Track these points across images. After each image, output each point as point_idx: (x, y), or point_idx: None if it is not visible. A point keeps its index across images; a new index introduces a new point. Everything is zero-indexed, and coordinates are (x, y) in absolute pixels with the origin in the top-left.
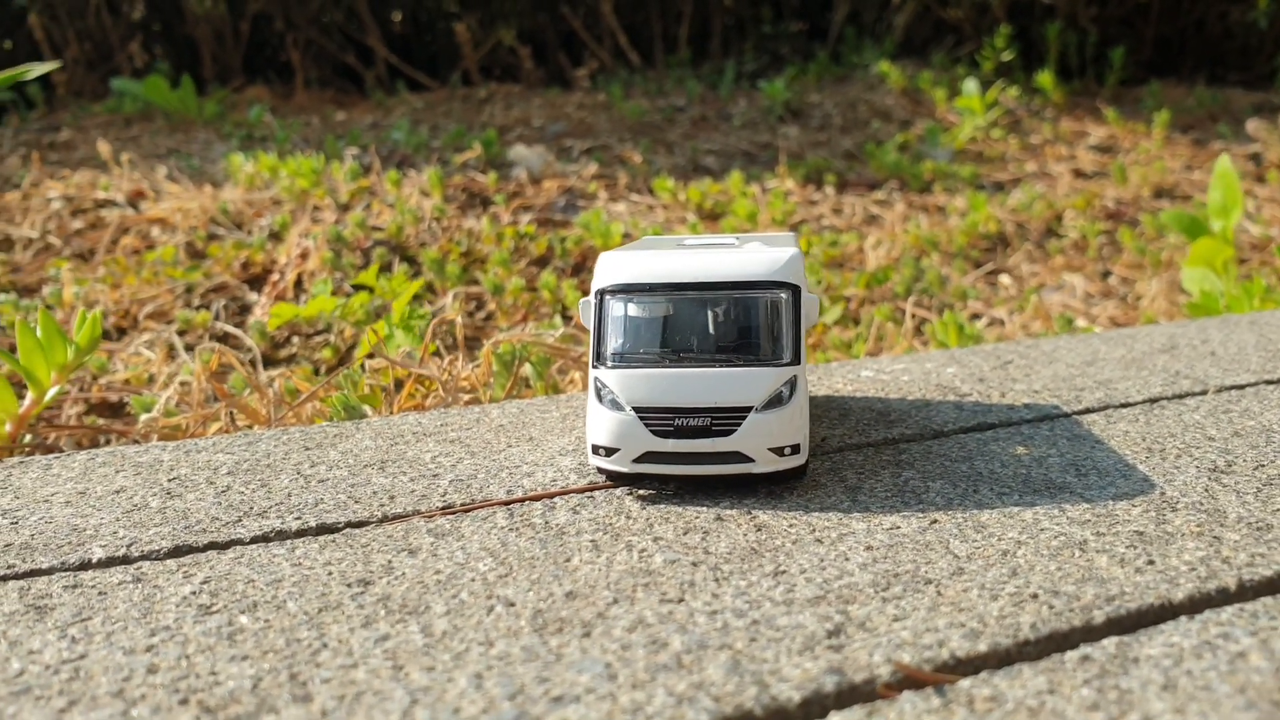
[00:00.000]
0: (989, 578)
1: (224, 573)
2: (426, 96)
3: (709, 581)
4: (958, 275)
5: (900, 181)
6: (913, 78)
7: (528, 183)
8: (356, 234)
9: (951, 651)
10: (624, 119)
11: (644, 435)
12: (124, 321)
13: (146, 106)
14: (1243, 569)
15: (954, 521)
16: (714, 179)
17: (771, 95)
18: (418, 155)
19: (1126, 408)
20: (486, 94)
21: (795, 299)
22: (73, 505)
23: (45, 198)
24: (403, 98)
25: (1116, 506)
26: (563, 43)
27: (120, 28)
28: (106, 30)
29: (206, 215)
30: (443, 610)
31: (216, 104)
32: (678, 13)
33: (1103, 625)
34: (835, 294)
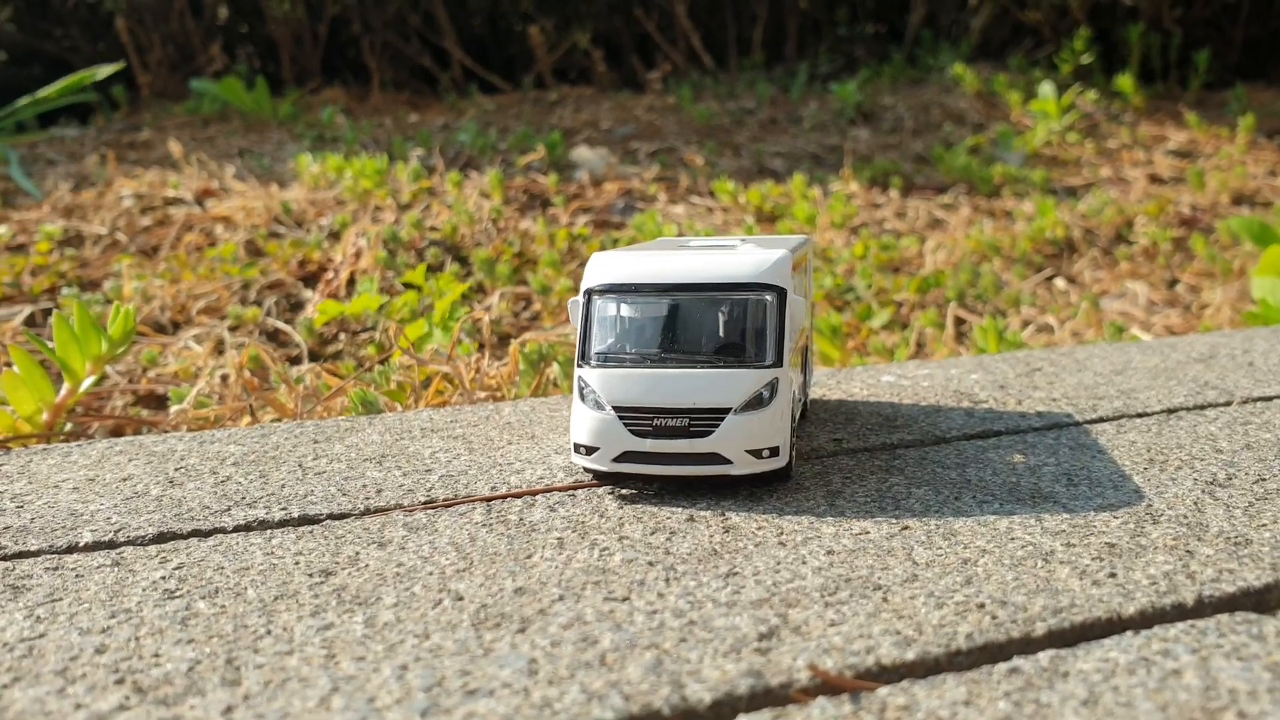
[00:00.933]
0: (940, 586)
1: (198, 559)
2: (498, 99)
3: (659, 581)
4: (1017, 281)
5: (969, 185)
6: (988, 80)
7: (589, 184)
8: (412, 234)
9: (878, 659)
10: (692, 121)
11: (623, 435)
12: (179, 316)
13: (224, 107)
14: (1205, 585)
15: (925, 528)
16: (777, 181)
17: (843, 98)
18: (483, 157)
19: (1142, 418)
20: (557, 97)
21: (780, 301)
22: (79, 491)
23: (118, 196)
24: (475, 100)
25: (1097, 518)
26: (637, 46)
27: (202, 30)
28: (189, 33)
29: (269, 214)
30: (392, 602)
31: (291, 105)
32: (752, 15)
33: (1043, 637)
34: (885, 298)
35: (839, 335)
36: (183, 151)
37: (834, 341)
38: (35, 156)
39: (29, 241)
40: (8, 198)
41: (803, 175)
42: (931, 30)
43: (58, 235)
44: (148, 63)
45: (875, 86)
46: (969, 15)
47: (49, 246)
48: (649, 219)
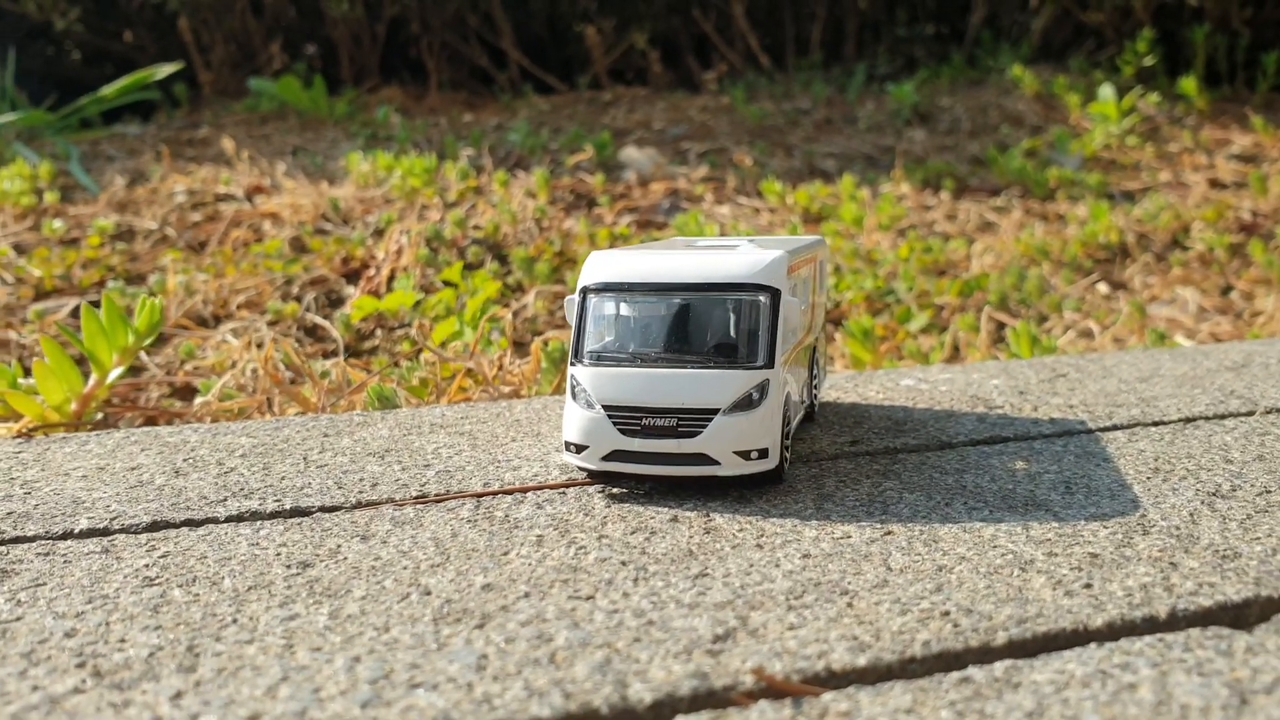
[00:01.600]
0: (909, 592)
1: (185, 548)
2: (553, 99)
3: (627, 581)
4: (1064, 286)
5: (1023, 188)
6: (1048, 82)
7: (636, 184)
8: (455, 232)
9: (829, 664)
10: (744, 122)
11: (612, 434)
12: (221, 310)
13: (281, 106)
14: (1182, 598)
15: (909, 534)
16: (826, 182)
17: (899, 99)
18: (532, 157)
19: (1157, 426)
20: (612, 97)
21: (774, 302)
22: (87, 479)
23: (171, 192)
24: (529, 100)
25: (1086, 527)
26: (694, 46)
27: (263, 30)
28: (250, 32)
29: (317, 211)
30: (360, 594)
31: (347, 104)
32: (811, 15)
33: (1002, 647)
34: (926, 301)
35: (870, 338)
36: (235, 148)
37: (865, 344)
38: (97, 153)
39: (82, 236)
40: (66, 193)
41: (853, 176)
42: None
43: (110, 230)
44: (210, 62)
45: (933, 87)
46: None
47: (99, 241)
48: (691, 219)
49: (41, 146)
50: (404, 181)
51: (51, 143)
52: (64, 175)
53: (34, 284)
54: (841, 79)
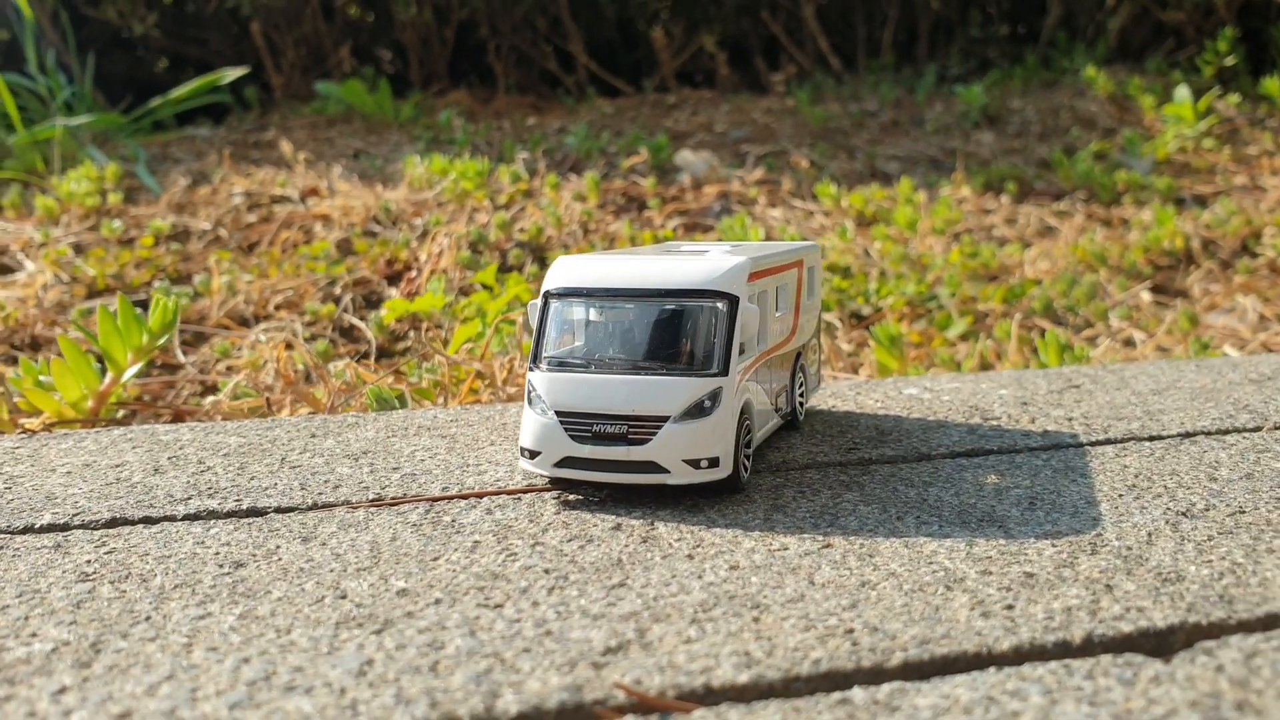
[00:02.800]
0: (823, 608)
1: (132, 546)
2: (617, 103)
3: (543, 590)
4: (1118, 292)
5: (1088, 192)
6: (1122, 83)
7: (689, 187)
8: (499, 235)
9: (711, 680)
10: (807, 124)
11: (564, 440)
12: (261, 310)
13: (348, 109)
14: (1104, 623)
15: (848, 548)
16: (883, 185)
17: (968, 100)
18: (588, 160)
19: (1153, 441)
20: (676, 100)
21: (731, 309)
22: (70, 475)
23: (230, 193)
24: (594, 103)
25: (1033, 545)
26: (764, 48)
27: (334, 34)
28: (320, 36)
29: (368, 213)
30: (278, 596)
31: (412, 107)
32: (883, 17)
33: (896, 668)
34: (967, 308)
35: (898, 345)
36: (293, 151)
37: (892, 351)
38: (166, 155)
39: (140, 236)
40: (131, 194)
41: (911, 179)
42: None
43: (165, 230)
44: (281, 65)
45: (1004, 89)
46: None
47: (152, 241)
48: (738, 221)
49: (115, 149)
50: (456, 184)
51: (123, 145)
52: (130, 177)
53: (87, 283)
54: (912, 80)
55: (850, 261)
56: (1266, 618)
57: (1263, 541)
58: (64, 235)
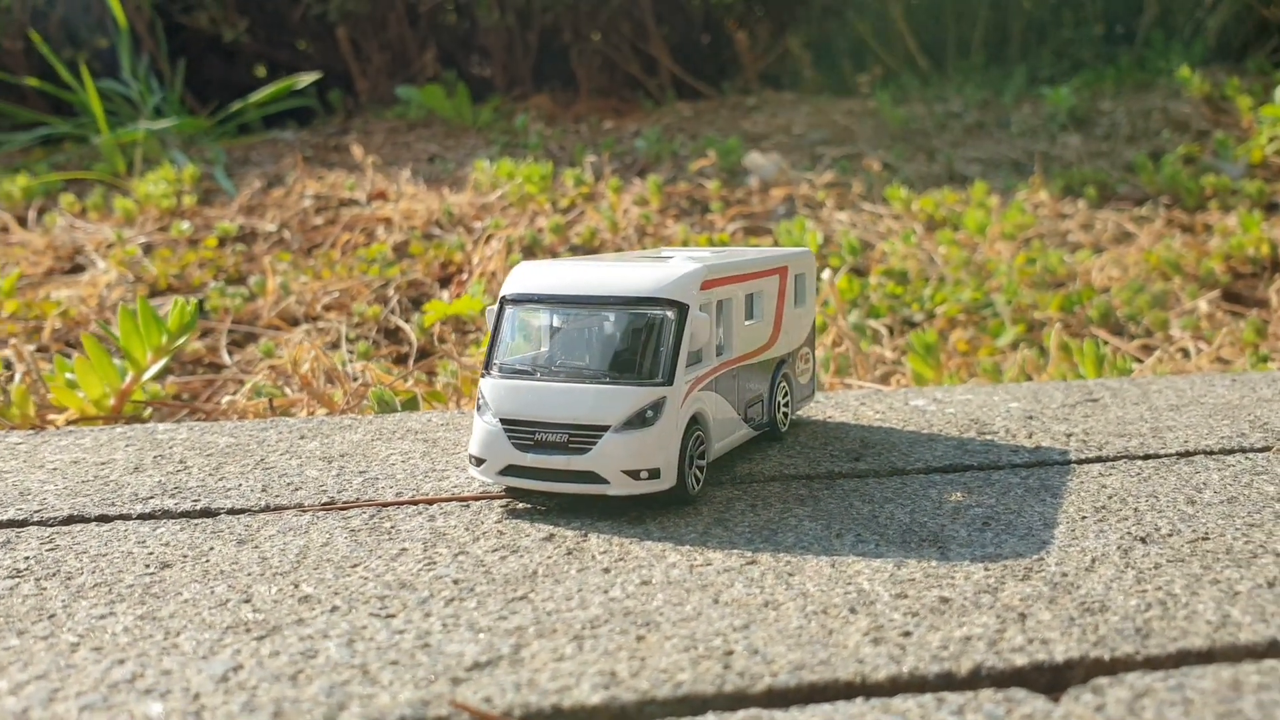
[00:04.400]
0: (715, 628)
1: (75, 544)
2: (696, 105)
3: (442, 601)
4: (1188, 301)
5: (1173, 197)
6: (1220, 84)
7: (757, 190)
8: (553, 239)
9: (563, 700)
10: (888, 126)
11: (507, 447)
12: (311, 311)
13: (429, 113)
14: (999, 655)
15: (771, 565)
16: (957, 189)
17: (1055, 102)
18: (657, 163)
19: (1146, 459)
20: (756, 102)
21: (680, 318)
22: (54, 472)
23: (301, 196)
24: (673, 106)
25: (965, 568)
26: (851, 49)
27: (418, 39)
28: (405, 41)
29: (430, 216)
30: (186, 598)
31: (491, 111)
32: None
33: (760, 694)
34: (1021, 317)
35: (933, 353)
36: (363, 154)
37: (928, 360)
38: (248, 159)
39: (207, 237)
40: (210, 196)
41: (992, 183)
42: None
43: (233, 232)
44: (366, 70)
45: (1095, 90)
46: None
47: (215, 242)
48: (798, 225)
49: (199, 152)
50: (520, 188)
51: (208, 148)
52: (209, 179)
53: (150, 282)
54: (1000, 82)
55: (910, 267)
56: (1177, 654)
57: (1212, 571)
58: (136, 236)
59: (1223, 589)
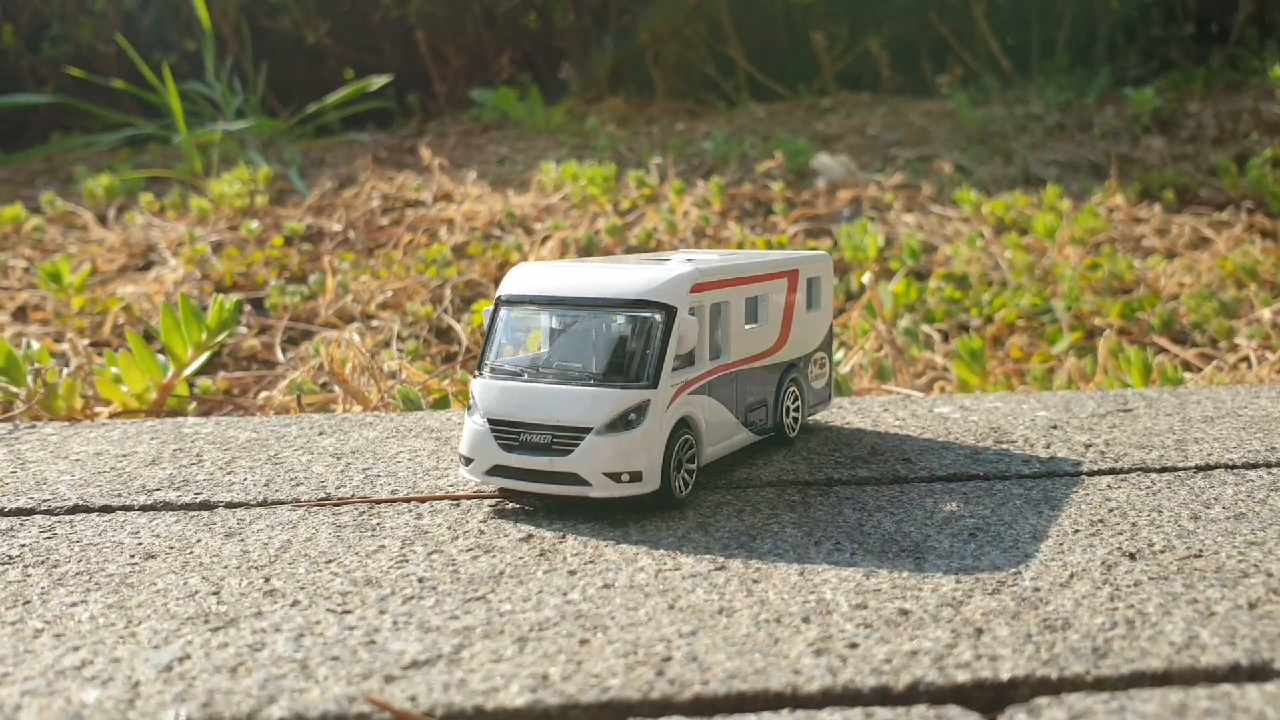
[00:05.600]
0: (661, 633)
1: (71, 533)
2: (771, 106)
3: (401, 599)
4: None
5: (1256, 202)
6: None
7: (824, 191)
8: (610, 240)
9: (486, 702)
10: (964, 127)
11: (493, 448)
12: (367, 310)
13: (503, 116)
14: (941, 671)
15: (739, 572)
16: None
17: (1139, 103)
18: (725, 165)
19: (1162, 472)
20: (831, 103)
21: (667, 321)
22: (75, 463)
23: (369, 196)
24: (747, 108)
25: (935, 580)
26: (933, 50)
27: (495, 42)
28: (483, 44)
29: (492, 217)
30: (158, 589)
31: (563, 113)
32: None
33: (686, 702)
34: (1081, 323)
35: (979, 359)
36: (431, 155)
37: (972, 367)
38: (324, 160)
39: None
40: (283, 196)
41: (1066, 185)
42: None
43: (300, 231)
44: (445, 73)
45: (1182, 92)
46: None
47: (281, 241)
48: (860, 228)
49: (278, 153)
50: (582, 189)
51: (286, 149)
52: (283, 180)
53: (216, 280)
54: (1084, 83)
55: (973, 271)
56: (1131, 675)
57: (1193, 590)
58: (207, 234)
59: (1199, 609)
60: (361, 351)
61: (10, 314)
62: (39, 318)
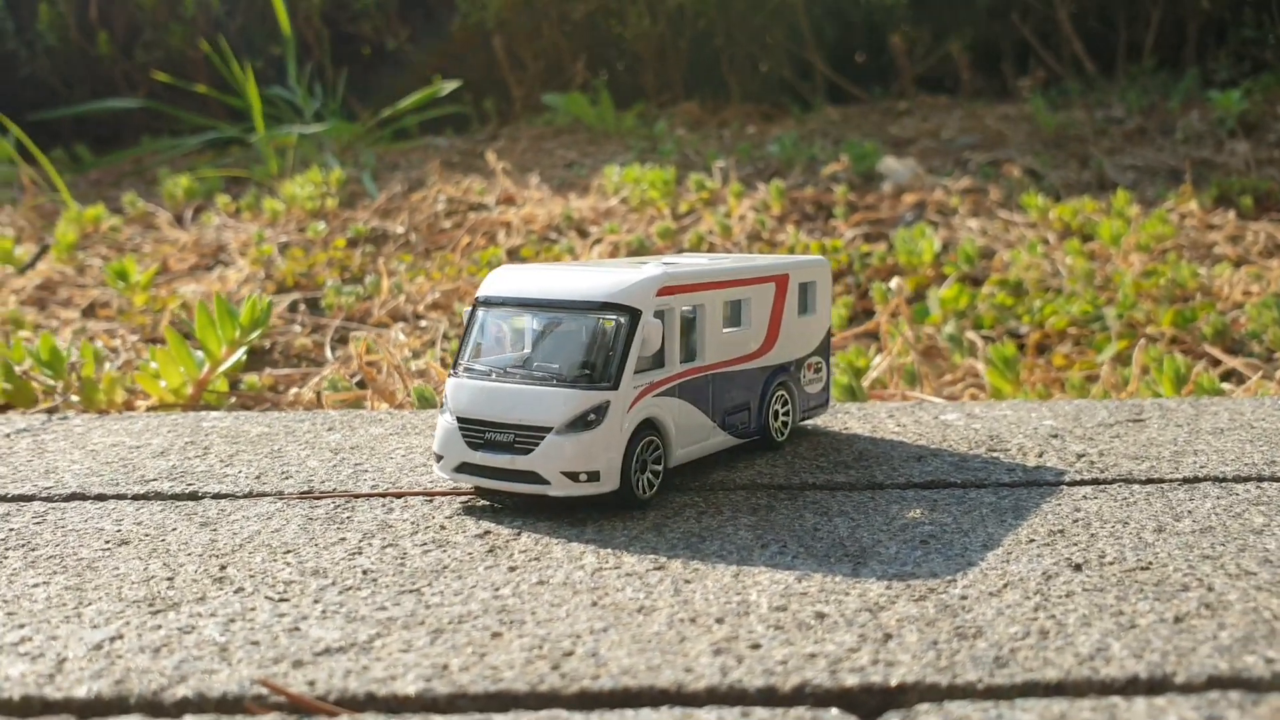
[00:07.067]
0: (571, 630)
1: (60, 520)
2: (845, 110)
3: (339, 589)
4: None
5: None
6: None
7: (889, 195)
8: (662, 243)
9: (379, 689)
10: (1041, 131)
11: (461, 445)
12: (419, 310)
13: (575, 120)
14: (832, 675)
15: (677, 573)
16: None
17: (1224, 106)
18: (790, 168)
19: (1146, 484)
20: (907, 106)
21: (631, 324)
22: (90, 453)
23: (435, 199)
24: (822, 111)
25: (866, 585)
26: (1016, 53)
27: (571, 47)
28: (559, 48)
29: (550, 220)
30: (121, 572)
31: (634, 118)
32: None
33: (571, 696)
34: (1129, 331)
35: (1012, 367)
36: (495, 160)
37: (1006, 374)
38: (398, 164)
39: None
40: (355, 199)
41: (1136, 191)
42: None
43: (364, 233)
44: (521, 78)
45: (1272, 95)
46: None
47: (344, 243)
48: (917, 233)
49: (354, 156)
50: (641, 192)
51: (361, 153)
52: (356, 183)
53: (279, 280)
54: (1170, 85)
55: (1031, 277)
56: (1024, 685)
57: (1124, 602)
58: (276, 235)
59: (1121, 621)
60: (390, 350)
61: (81, 310)
62: (105, 314)
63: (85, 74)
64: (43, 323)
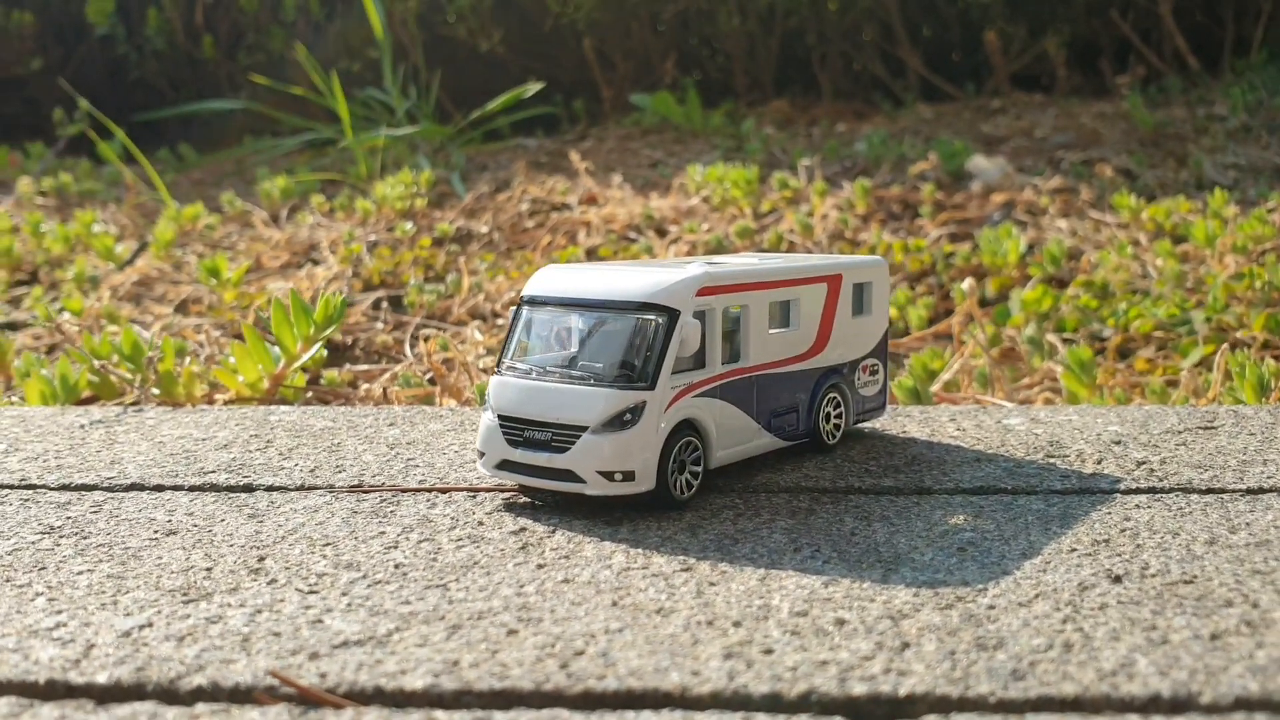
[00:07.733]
0: (587, 630)
1: (116, 509)
2: (938, 108)
3: (369, 583)
4: None
5: None
6: None
7: (977, 194)
8: (740, 242)
9: (388, 684)
10: (1138, 129)
11: (501, 443)
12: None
13: (662, 120)
14: (841, 682)
15: (702, 575)
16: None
17: None
18: (877, 167)
19: (1206, 494)
20: (1001, 104)
21: (669, 324)
22: (157, 445)
23: (520, 199)
24: (914, 109)
25: (891, 592)
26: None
27: (661, 46)
28: (649, 48)
29: (630, 220)
30: (161, 562)
31: (722, 116)
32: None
33: (575, 697)
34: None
35: (1088, 370)
36: (579, 160)
37: (1082, 378)
38: (488, 164)
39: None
40: (444, 199)
41: (1236, 191)
42: None
43: (449, 233)
44: (611, 78)
45: None
46: None
47: (429, 242)
48: (1003, 233)
49: (445, 157)
50: (724, 191)
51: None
52: (445, 183)
53: (366, 278)
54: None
55: (1118, 279)
56: (1038, 699)
57: (1160, 616)
58: (366, 235)
59: (1153, 636)
60: (459, 348)
61: (174, 306)
62: (196, 310)
63: (191, 76)
64: (136, 318)
